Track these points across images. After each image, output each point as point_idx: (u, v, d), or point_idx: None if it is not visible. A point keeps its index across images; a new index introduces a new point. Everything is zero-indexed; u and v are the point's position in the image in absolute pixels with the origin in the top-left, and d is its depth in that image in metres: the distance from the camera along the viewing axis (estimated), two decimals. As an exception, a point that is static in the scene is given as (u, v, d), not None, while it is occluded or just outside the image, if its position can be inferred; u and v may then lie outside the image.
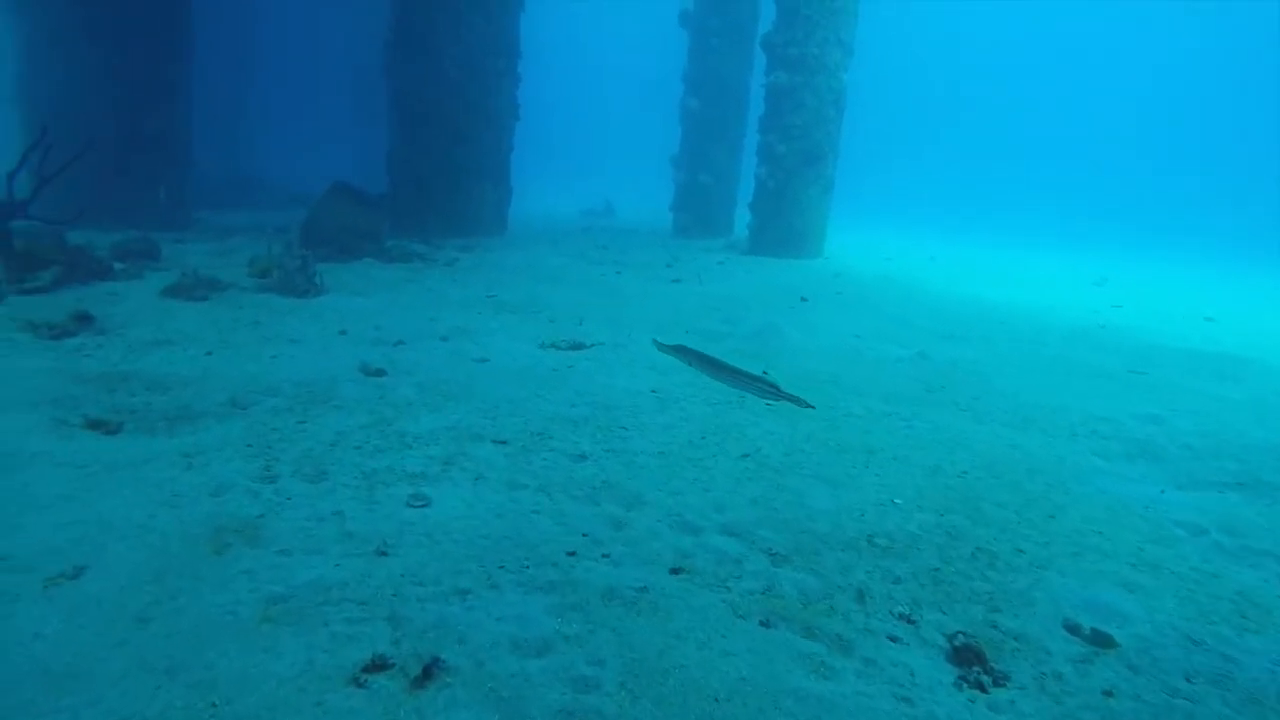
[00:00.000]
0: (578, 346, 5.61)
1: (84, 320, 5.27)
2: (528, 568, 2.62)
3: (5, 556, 2.43)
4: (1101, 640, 2.43)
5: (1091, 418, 4.85)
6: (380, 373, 4.70)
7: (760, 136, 13.52)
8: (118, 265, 7.39)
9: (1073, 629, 2.48)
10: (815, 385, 5.23)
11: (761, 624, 2.41)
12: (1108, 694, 2.18)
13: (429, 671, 2.00)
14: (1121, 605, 2.63)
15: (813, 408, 3.53)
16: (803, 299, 8.88)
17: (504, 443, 3.75)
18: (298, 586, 2.38)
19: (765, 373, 3.24)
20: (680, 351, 3.30)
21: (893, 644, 2.36)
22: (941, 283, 12.08)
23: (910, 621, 2.49)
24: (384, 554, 2.63)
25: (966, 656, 2.29)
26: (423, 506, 2.99)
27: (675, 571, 2.69)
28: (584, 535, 2.90)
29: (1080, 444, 4.37)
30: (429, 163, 12.16)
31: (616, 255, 11.87)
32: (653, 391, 4.83)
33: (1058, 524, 3.26)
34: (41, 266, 6.43)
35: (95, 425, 3.67)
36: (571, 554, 2.75)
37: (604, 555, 2.76)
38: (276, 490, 3.04)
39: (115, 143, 10.12)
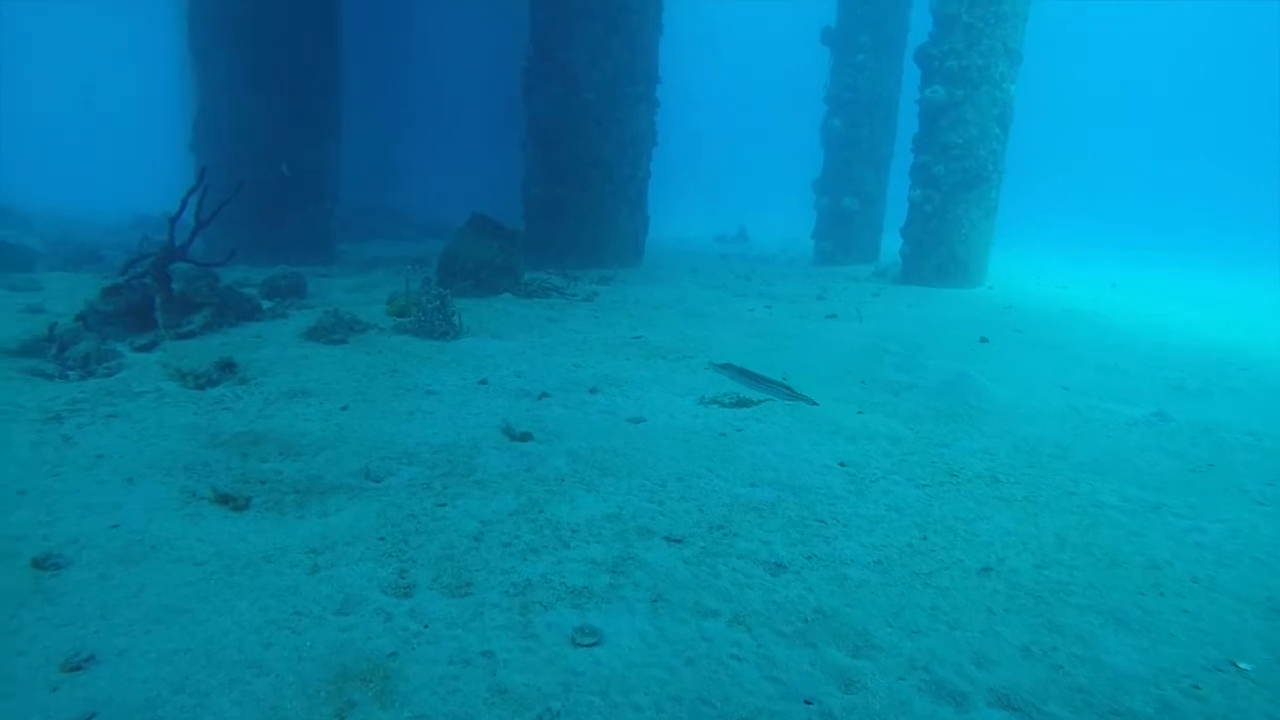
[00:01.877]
0: (744, 403, 4.85)
1: (227, 369, 5.07)
2: (743, 766, 1.88)
3: (97, 711, 1.95)
4: None
5: None
6: (526, 437, 4.14)
7: (914, 157, 12.38)
8: (266, 304, 7.37)
9: None
10: (1040, 461, 4.21)
11: None
12: None
13: None
14: None
15: (816, 404, 4.49)
16: (982, 339, 7.74)
17: (679, 541, 3.04)
18: (440, 786, 1.75)
19: (784, 378, 4.14)
20: (727, 368, 4.17)
21: None
22: (1136, 315, 10.45)
23: None
24: (548, 728, 1.97)
25: None
26: (592, 645, 2.32)
27: (953, 784, 1.87)
28: (807, 703, 2.13)
29: None
30: (565, 190, 11.87)
31: (761, 286, 11.06)
32: (841, 465, 4.00)
33: None
34: (195, 309, 6.42)
35: (223, 500, 3.30)
36: (797, 740, 1.98)
37: (843, 745, 1.98)
38: (413, 611, 2.46)
39: (271, 183, 10.44)
